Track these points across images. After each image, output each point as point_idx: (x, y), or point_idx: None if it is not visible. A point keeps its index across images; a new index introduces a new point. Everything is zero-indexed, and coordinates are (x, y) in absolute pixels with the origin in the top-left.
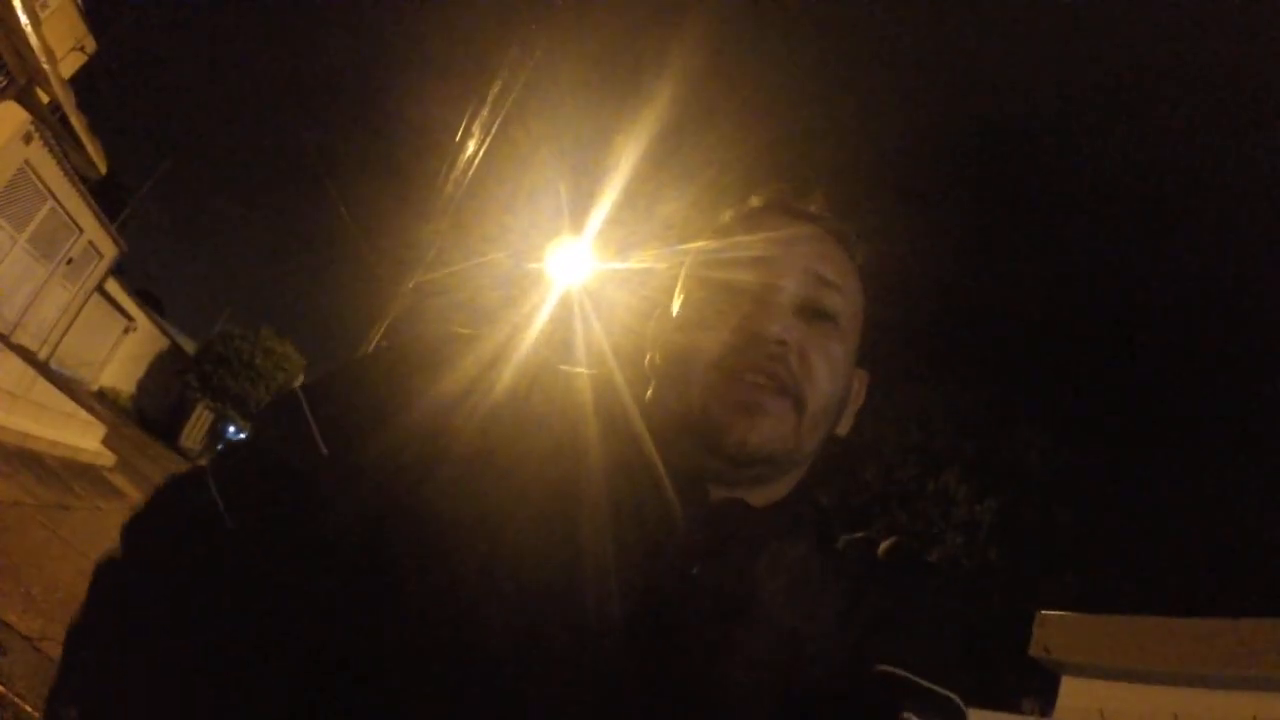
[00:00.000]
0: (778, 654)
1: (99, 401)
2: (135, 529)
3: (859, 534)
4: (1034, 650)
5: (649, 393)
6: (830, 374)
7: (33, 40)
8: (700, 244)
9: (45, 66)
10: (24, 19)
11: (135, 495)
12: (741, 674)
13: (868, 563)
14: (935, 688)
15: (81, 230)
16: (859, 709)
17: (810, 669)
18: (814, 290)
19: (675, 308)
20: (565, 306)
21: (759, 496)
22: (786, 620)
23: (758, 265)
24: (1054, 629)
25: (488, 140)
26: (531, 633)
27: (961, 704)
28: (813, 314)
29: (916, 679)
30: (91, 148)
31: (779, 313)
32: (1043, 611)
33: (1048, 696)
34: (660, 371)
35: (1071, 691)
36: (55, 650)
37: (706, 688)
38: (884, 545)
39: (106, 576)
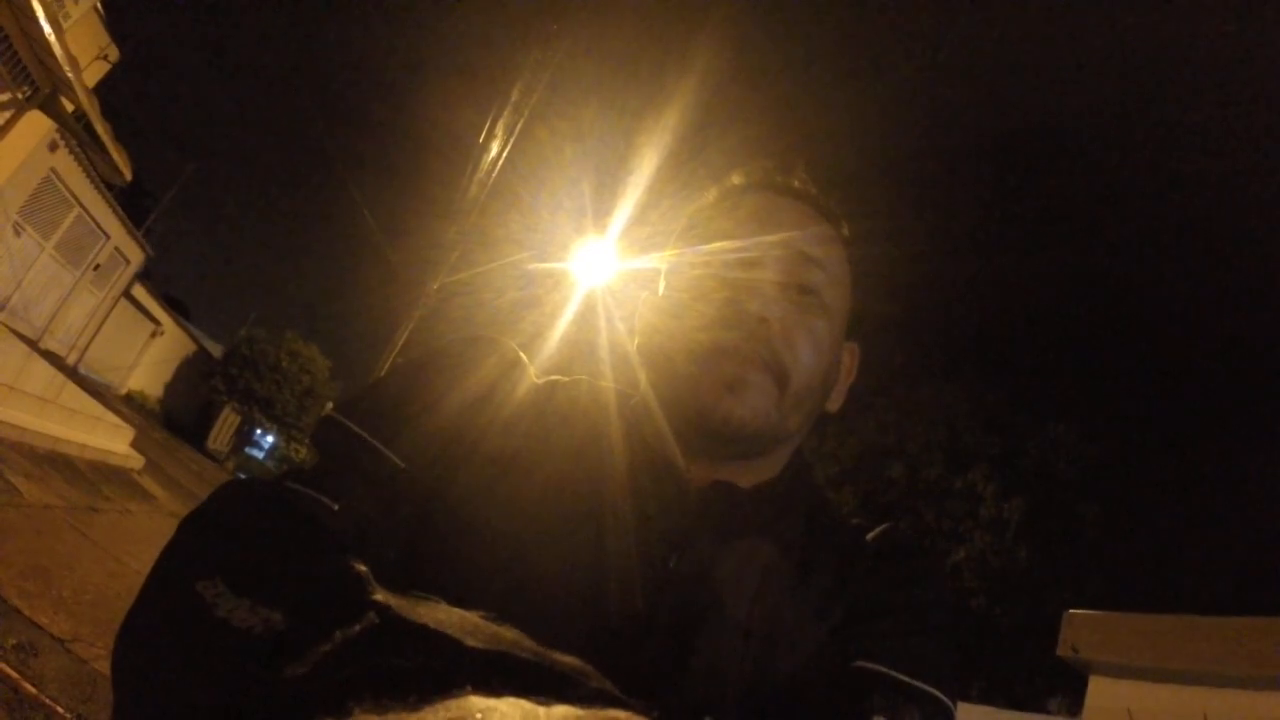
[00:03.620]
0: (751, 648)
1: (127, 405)
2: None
3: (854, 520)
4: (1061, 649)
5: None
6: (814, 350)
7: (56, 49)
8: (683, 224)
9: (69, 75)
10: (47, 29)
11: (164, 497)
12: (712, 669)
13: (856, 549)
14: (916, 683)
15: (108, 236)
16: (831, 707)
17: (784, 664)
18: (796, 267)
19: (660, 290)
20: (589, 306)
21: (747, 477)
22: (763, 612)
23: (739, 244)
24: (1082, 628)
25: (511, 141)
26: (556, 631)
27: (946, 699)
28: (796, 290)
29: (895, 674)
30: (116, 155)
31: (761, 290)
32: (1070, 610)
33: (1075, 696)
34: (647, 355)
35: (1099, 691)
36: (86, 652)
37: (677, 683)
38: (874, 531)
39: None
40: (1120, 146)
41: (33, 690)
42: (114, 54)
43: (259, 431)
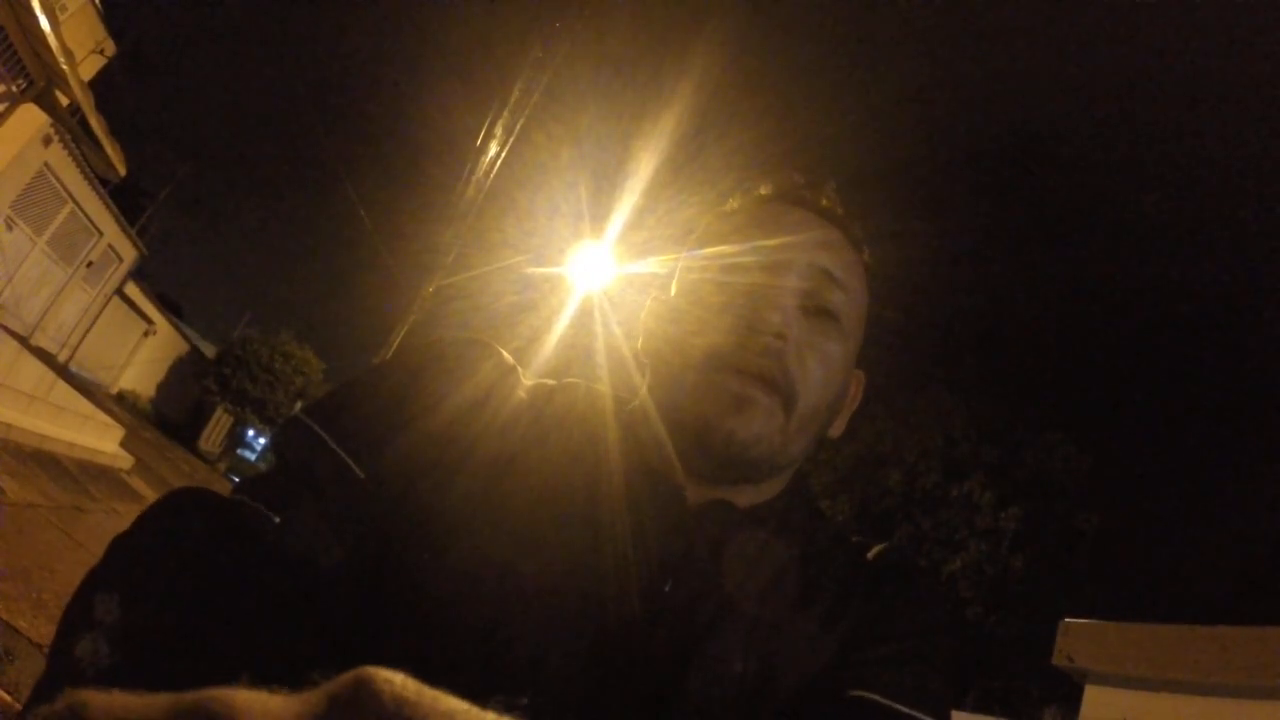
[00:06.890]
0: (747, 674)
1: (118, 404)
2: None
3: (854, 538)
4: (1057, 659)
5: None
6: (825, 376)
7: (52, 42)
8: (701, 228)
9: (64, 68)
10: (43, 20)
11: (152, 497)
12: (708, 695)
13: (856, 569)
14: (912, 712)
15: (101, 233)
16: None
17: (784, 685)
18: (819, 286)
19: (673, 293)
20: (585, 311)
21: (745, 498)
22: (759, 637)
23: (762, 256)
24: (1077, 637)
25: (509, 144)
26: (552, 636)
27: None
28: (815, 310)
29: (891, 704)
30: (111, 150)
31: (780, 305)
32: (1066, 619)
33: (1071, 706)
34: (651, 360)
35: (1095, 701)
36: None
37: (675, 699)
38: (873, 551)
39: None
40: (1117, 156)
41: (8, 698)
42: (110, 49)
43: (251, 433)
